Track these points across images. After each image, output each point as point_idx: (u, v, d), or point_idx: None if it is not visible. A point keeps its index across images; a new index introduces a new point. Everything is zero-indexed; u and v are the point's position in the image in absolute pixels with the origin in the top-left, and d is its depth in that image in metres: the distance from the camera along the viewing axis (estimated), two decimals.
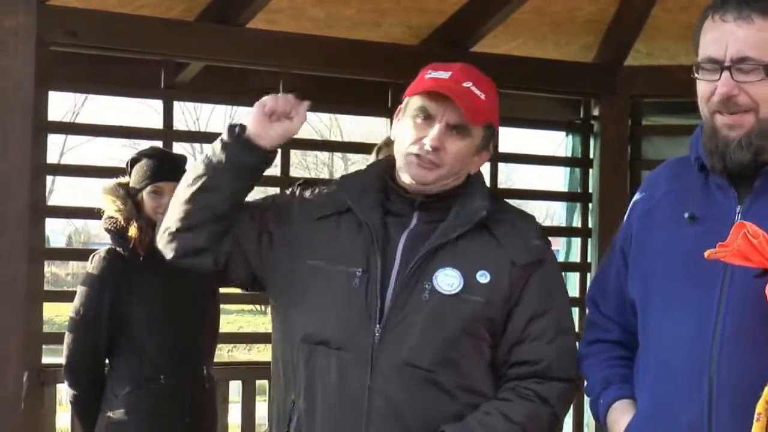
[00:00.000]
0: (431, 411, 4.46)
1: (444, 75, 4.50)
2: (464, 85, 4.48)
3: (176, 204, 4.54)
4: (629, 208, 4.52)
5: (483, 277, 4.46)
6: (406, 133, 4.50)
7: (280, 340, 4.79)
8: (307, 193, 4.72)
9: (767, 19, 4.05)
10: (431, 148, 4.40)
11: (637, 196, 4.52)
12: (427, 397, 4.45)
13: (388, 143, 6.10)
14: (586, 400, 4.68)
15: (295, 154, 8.36)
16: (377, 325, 4.41)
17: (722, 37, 4.09)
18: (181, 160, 7.34)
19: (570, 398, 4.70)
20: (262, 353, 18.03)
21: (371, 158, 6.65)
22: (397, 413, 4.43)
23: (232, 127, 4.48)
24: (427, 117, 4.45)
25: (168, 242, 4.59)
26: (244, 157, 4.46)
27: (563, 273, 9.11)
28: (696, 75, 4.16)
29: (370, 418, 4.43)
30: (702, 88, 4.15)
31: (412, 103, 4.51)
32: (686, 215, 4.24)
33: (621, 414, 4.35)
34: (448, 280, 4.44)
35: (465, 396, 4.49)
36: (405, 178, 4.51)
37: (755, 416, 3.91)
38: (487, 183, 4.79)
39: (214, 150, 4.45)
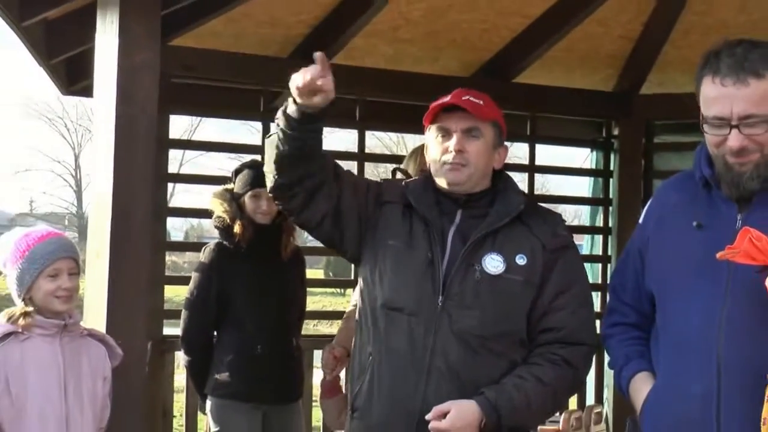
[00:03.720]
0: (484, 372, 4.49)
1: (446, 98, 4.62)
2: (464, 98, 4.60)
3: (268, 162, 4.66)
4: (643, 214, 4.53)
5: (521, 260, 4.53)
6: (434, 150, 4.64)
7: (362, 306, 4.75)
8: (385, 184, 4.90)
9: (759, 78, 4.04)
10: (455, 151, 4.53)
11: (650, 204, 4.54)
12: (478, 360, 4.48)
13: (421, 152, 6.17)
14: (606, 362, 4.66)
15: (368, 166, 8.37)
16: (440, 297, 4.45)
17: (725, 99, 4.07)
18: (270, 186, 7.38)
19: (590, 360, 4.73)
20: None
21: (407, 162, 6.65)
22: (458, 372, 4.46)
23: (284, 111, 4.54)
24: (446, 133, 4.59)
25: (272, 187, 4.71)
26: (303, 127, 4.54)
27: (588, 264, 9.15)
28: (704, 126, 4.15)
29: (430, 374, 4.47)
30: (710, 137, 4.15)
31: (432, 128, 4.65)
32: (694, 224, 4.25)
33: (642, 384, 4.33)
34: (494, 263, 4.51)
35: (510, 358, 4.55)
36: (442, 183, 4.62)
37: (761, 421, 3.92)
38: (525, 190, 4.82)
39: (279, 124, 4.59)
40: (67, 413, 4.93)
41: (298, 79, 4.45)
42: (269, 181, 4.70)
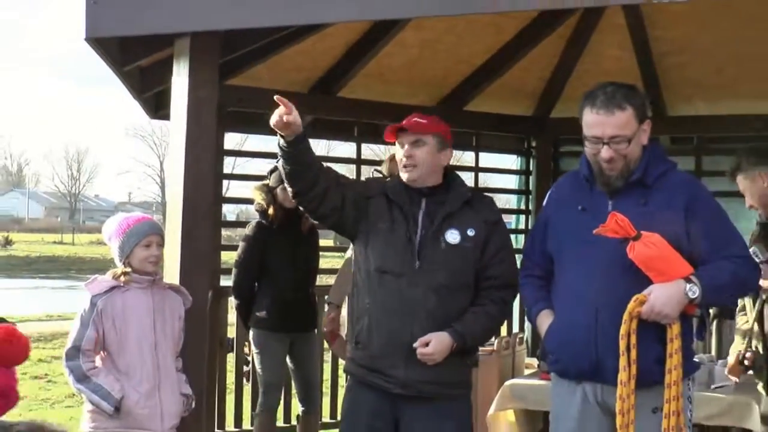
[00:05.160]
0: (452, 311, 4.60)
1: (405, 121, 4.72)
2: (413, 120, 4.71)
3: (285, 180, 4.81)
4: (546, 200, 4.63)
5: (471, 232, 4.64)
6: (398, 157, 4.73)
7: (359, 269, 4.78)
8: (368, 182, 5.09)
9: (623, 110, 4.17)
10: (405, 157, 4.66)
11: (550, 193, 4.65)
12: (446, 303, 4.60)
13: (392, 159, 6.21)
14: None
15: (364, 169, 8.26)
16: (417, 261, 4.58)
17: (599, 124, 4.21)
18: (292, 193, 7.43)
19: (515, 296, 4.81)
20: None
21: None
22: (434, 313, 4.57)
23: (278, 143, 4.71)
24: (402, 145, 4.70)
25: (292, 196, 4.85)
26: (291, 149, 4.63)
27: (515, 235, 9.15)
28: (585, 141, 4.29)
29: (414, 316, 4.56)
30: (589, 148, 4.29)
31: (397, 143, 4.75)
32: (579, 208, 4.36)
33: (545, 318, 4.43)
34: (452, 236, 4.62)
35: (466, 299, 4.66)
36: (404, 179, 4.73)
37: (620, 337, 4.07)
38: (472, 185, 4.88)
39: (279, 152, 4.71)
40: (155, 341, 4.96)
41: (273, 119, 4.57)
42: (289, 193, 4.83)
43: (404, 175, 4.70)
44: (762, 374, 5.17)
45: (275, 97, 4.70)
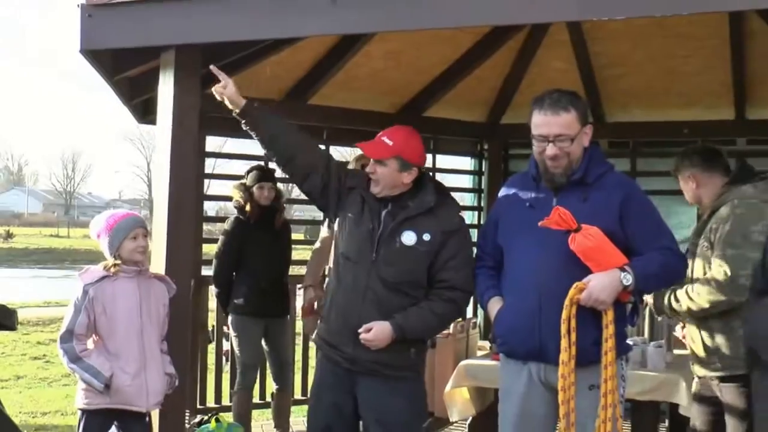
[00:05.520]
0: (396, 303, 4.56)
1: (374, 138, 4.71)
2: (380, 138, 4.66)
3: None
4: (498, 197, 4.63)
5: (426, 237, 4.58)
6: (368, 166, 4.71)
7: (334, 253, 4.81)
8: (351, 173, 4.93)
9: (567, 112, 4.20)
10: (370, 173, 4.65)
11: (501, 191, 4.63)
12: (393, 296, 4.56)
13: (358, 159, 6.24)
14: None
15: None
16: (374, 254, 4.54)
17: (546, 124, 4.23)
18: (273, 170, 7.38)
19: (468, 299, 4.80)
20: None
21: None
22: (380, 302, 4.55)
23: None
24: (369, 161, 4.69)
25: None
26: (243, 119, 4.87)
27: (470, 229, 9.12)
28: (533, 141, 4.32)
29: (364, 302, 4.56)
30: (536, 147, 4.30)
31: None
32: (527, 204, 4.38)
33: (495, 304, 4.42)
34: (408, 238, 4.57)
35: (414, 296, 4.60)
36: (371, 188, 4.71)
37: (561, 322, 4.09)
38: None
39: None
40: (142, 326, 4.96)
41: (216, 93, 4.81)
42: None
43: (372, 188, 4.69)
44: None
45: (210, 67, 4.79)
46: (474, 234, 9.32)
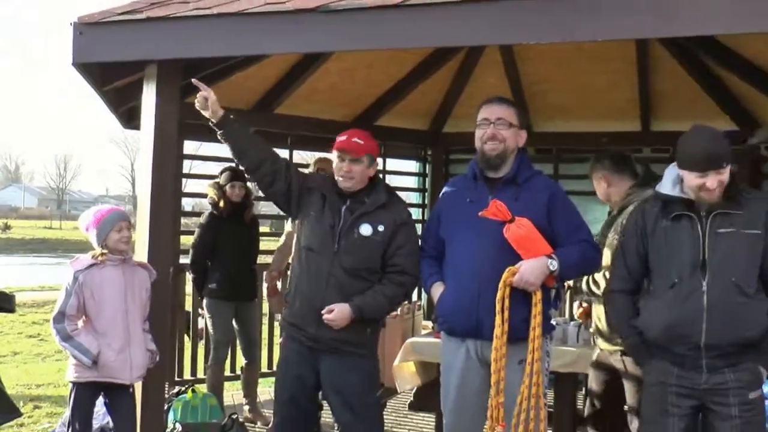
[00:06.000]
0: (356, 287, 4.55)
1: (344, 138, 4.64)
2: (352, 139, 4.62)
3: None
4: (440, 195, 4.61)
5: (381, 228, 4.58)
6: (338, 166, 4.65)
7: (296, 247, 4.77)
8: (310, 176, 4.95)
9: (509, 106, 4.34)
10: (345, 171, 4.61)
11: (443, 190, 4.61)
12: (353, 281, 4.55)
13: (317, 161, 6.29)
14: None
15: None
16: (335, 246, 4.51)
17: (489, 110, 4.30)
18: (243, 171, 7.32)
19: (415, 284, 4.76)
20: None
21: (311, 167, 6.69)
22: (342, 287, 4.53)
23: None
24: (342, 159, 4.61)
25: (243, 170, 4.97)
26: (220, 129, 4.77)
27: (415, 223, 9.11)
28: (476, 129, 4.34)
29: (327, 287, 4.53)
30: (479, 133, 4.33)
31: (336, 152, 4.66)
32: (467, 200, 4.38)
33: (438, 288, 4.42)
34: (365, 229, 4.57)
35: (371, 280, 4.60)
36: (340, 185, 4.66)
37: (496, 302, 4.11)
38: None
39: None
40: (126, 308, 4.94)
41: (198, 105, 4.74)
42: (243, 169, 4.89)
43: (343, 184, 4.65)
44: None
45: (192, 80, 4.71)
46: (419, 228, 9.51)
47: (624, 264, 4.16)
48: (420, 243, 4.67)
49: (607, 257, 4.82)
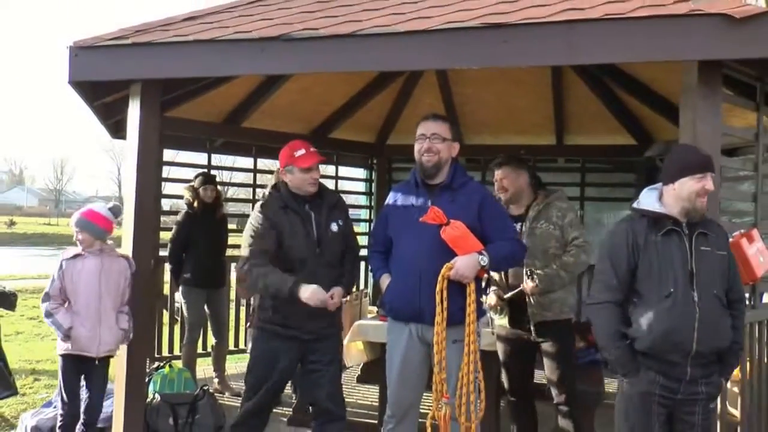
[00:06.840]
0: (335, 275, 4.54)
1: (303, 151, 4.52)
2: (310, 151, 4.52)
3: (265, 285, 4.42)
4: (387, 199, 4.52)
5: (341, 223, 4.57)
6: (301, 176, 4.52)
7: (284, 262, 4.48)
8: (266, 212, 4.54)
9: (443, 122, 4.28)
10: (314, 180, 4.52)
11: (390, 195, 4.53)
12: (333, 272, 4.53)
13: (276, 173, 6.16)
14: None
15: (259, 177, 8.07)
16: (318, 248, 4.46)
17: (426, 127, 4.23)
18: (215, 176, 7.29)
19: (360, 261, 4.85)
20: None
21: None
22: (327, 278, 4.47)
23: (291, 290, 4.30)
24: (308, 171, 4.51)
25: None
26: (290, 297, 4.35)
27: (363, 223, 8.99)
28: (416, 145, 4.27)
29: (318, 280, 4.40)
30: (417, 146, 4.26)
31: (297, 167, 4.52)
32: (410, 204, 4.33)
33: (386, 279, 4.36)
34: (334, 227, 4.53)
35: (341, 266, 4.62)
36: (304, 190, 4.54)
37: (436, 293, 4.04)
38: (333, 188, 4.77)
39: (280, 289, 4.32)
40: (100, 293, 4.93)
41: (314, 300, 4.31)
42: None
43: (310, 188, 4.53)
44: (503, 311, 5.26)
45: (331, 297, 4.41)
46: (366, 226, 9.48)
47: (614, 275, 3.68)
48: (370, 241, 4.60)
49: (545, 242, 4.94)
